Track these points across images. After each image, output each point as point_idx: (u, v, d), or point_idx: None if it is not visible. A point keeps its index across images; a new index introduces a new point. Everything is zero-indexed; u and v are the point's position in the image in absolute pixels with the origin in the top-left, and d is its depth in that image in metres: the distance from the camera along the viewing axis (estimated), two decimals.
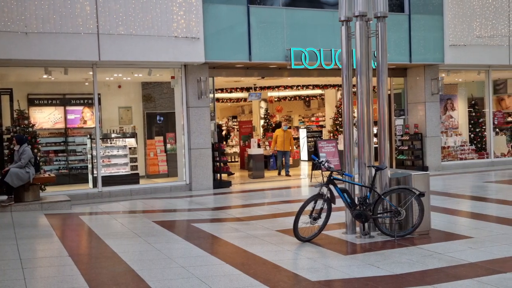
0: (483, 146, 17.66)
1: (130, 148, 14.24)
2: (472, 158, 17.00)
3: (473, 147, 17.44)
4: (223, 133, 21.25)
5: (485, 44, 15.93)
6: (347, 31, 7.94)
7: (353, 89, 8.00)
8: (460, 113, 17.91)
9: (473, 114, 17.91)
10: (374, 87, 8.09)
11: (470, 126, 17.86)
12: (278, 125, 21.90)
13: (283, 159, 16.59)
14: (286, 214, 9.65)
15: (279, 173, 16.46)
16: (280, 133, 16.57)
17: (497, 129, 17.73)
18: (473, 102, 18.11)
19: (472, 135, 17.77)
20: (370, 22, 7.90)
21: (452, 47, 15.62)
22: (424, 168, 15.64)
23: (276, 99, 24.60)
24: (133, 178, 13.79)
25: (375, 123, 8.13)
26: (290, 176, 16.04)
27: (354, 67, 7.89)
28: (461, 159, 16.79)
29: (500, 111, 18.13)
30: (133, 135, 14.88)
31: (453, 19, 15.62)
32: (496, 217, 8.88)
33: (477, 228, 7.96)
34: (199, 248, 7.24)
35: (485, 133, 17.70)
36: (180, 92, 13.72)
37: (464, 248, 6.85)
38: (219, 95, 21.36)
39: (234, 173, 16.79)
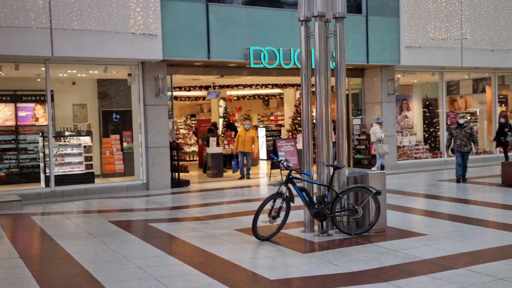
0: (437, 145, 18.16)
1: (85, 147, 13.89)
2: (426, 157, 17.45)
3: (427, 146, 17.90)
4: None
5: (439, 46, 16.37)
6: (306, 31, 7.98)
7: (312, 89, 8.05)
8: (415, 114, 18.36)
9: (427, 114, 18.39)
10: (332, 87, 8.16)
11: (425, 126, 18.33)
12: (231, 125, 21.84)
13: (245, 160, 15.58)
14: (245, 213, 9.62)
15: (241, 176, 15.38)
16: (242, 133, 15.66)
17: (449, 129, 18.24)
18: (427, 102, 18.60)
19: (426, 135, 18.24)
20: (329, 22, 7.97)
21: (407, 48, 15.98)
22: (381, 167, 15.92)
23: (235, 98, 24.56)
24: (88, 177, 13.46)
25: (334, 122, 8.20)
26: (249, 179, 15.29)
27: (313, 67, 7.94)
28: (415, 158, 17.20)
29: (452, 112, 18.67)
30: (88, 133, 14.54)
31: (409, 21, 15.98)
32: (448, 215, 9.12)
33: (431, 226, 8.15)
34: (157, 248, 7.12)
35: (439, 133, 18.20)
36: (137, 90, 13.49)
37: (419, 245, 6.99)
38: (177, 93, 21.15)
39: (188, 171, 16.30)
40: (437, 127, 18.21)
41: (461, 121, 13.08)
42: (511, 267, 5.83)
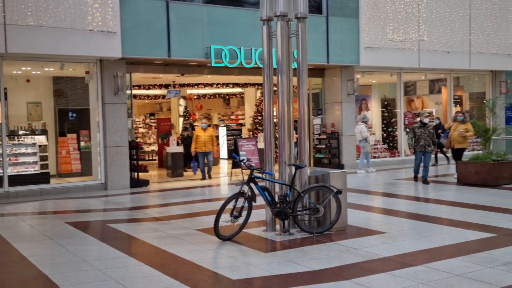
0: (395, 145, 18.53)
1: (40, 146, 13.49)
2: (385, 157, 17.78)
3: (386, 146, 18.24)
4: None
5: (397, 47, 16.69)
6: (268, 31, 7.99)
7: (274, 88, 8.06)
8: (374, 113, 18.67)
9: (386, 114, 18.74)
10: (294, 86, 8.19)
11: (383, 125, 18.66)
12: (191, 125, 21.61)
13: (206, 161, 14.99)
14: (206, 213, 9.56)
15: (202, 177, 14.83)
16: (200, 133, 14.96)
17: (407, 129, 18.64)
18: (385, 102, 18.95)
19: (384, 135, 18.59)
20: (291, 22, 8.00)
21: (367, 49, 16.23)
22: (340, 166, 16.13)
23: (195, 97, 24.39)
24: (43, 177, 13.07)
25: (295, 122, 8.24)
26: (211, 179, 14.86)
27: (275, 66, 7.95)
28: (374, 157, 17.48)
29: (410, 112, 19.09)
30: (44, 132, 14.12)
31: (368, 22, 16.23)
32: (406, 213, 9.30)
33: (390, 224, 8.29)
34: (116, 250, 6.97)
35: (397, 132, 18.57)
36: (95, 88, 13.19)
37: (378, 243, 7.10)
38: (136, 91, 20.82)
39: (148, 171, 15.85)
40: (395, 127, 18.58)
41: (426, 120, 12.75)
42: (466, 264, 5.98)
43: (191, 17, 13.61)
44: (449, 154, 16.50)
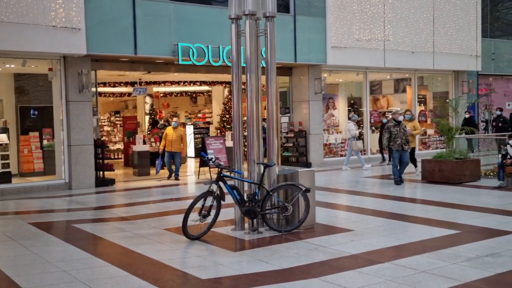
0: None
1: (0, 145, 13.11)
2: (352, 155, 17.94)
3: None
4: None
5: (363, 47, 16.90)
6: (237, 29, 7.97)
7: (242, 87, 8.04)
8: (341, 112, 18.87)
9: (352, 113, 18.92)
10: (262, 85, 8.19)
11: None
12: (156, 122, 21.39)
13: (173, 161, 14.55)
14: (174, 212, 9.47)
15: (169, 176, 14.54)
16: (169, 131, 14.43)
17: (373, 127, 18.91)
18: (352, 101, 19.17)
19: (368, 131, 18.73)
20: (259, 21, 8.00)
21: (334, 48, 16.37)
22: (308, 165, 16.24)
23: (162, 95, 24.13)
24: (4, 177, 12.69)
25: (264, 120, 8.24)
26: (178, 180, 14.26)
27: (244, 65, 7.93)
28: (341, 155, 17.67)
29: (376, 111, 19.36)
30: (4, 130, 13.73)
31: (335, 22, 16.37)
32: (373, 210, 9.43)
33: (357, 221, 8.39)
34: (82, 250, 6.84)
35: (363, 131, 18.80)
36: (58, 85, 12.90)
37: (346, 240, 7.17)
38: (102, 89, 20.45)
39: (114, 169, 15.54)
40: (362, 125, 18.81)
41: (400, 118, 12.60)
42: (432, 260, 6.10)
43: (158, 14, 13.45)
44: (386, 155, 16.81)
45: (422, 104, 20.46)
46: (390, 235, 7.44)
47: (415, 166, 13.72)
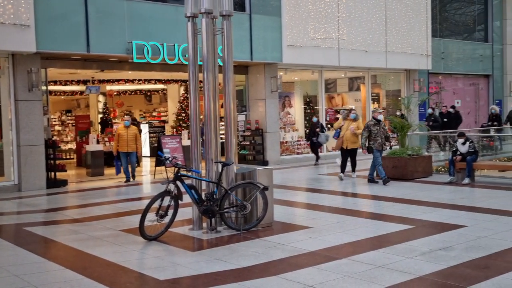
0: (318, 141, 18.91)
1: None
2: (308, 153, 18.12)
3: (308, 142, 18.58)
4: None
5: (318, 46, 17.08)
6: (193, 28, 7.90)
7: (199, 85, 7.98)
8: (297, 110, 19.02)
9: (308, 111, 19.14)
10: (219, 83, 8.16)
11: (306, 122, 19.04)
12: (105, 122, 20.87)
13: (128, 161, 13.93)
14: (130, 212, 9.30)
15: (126, 179, 13.78)
16: (122, 131, 13.84)
17: (328, 125, 19.13)
18: (308, 99, 19.36)
19: (307, 131, 18.94)
20: (216, 19, 7.95)
21: (289, 47, 16.48)
22: (265, 163, 16.29)
23: (115, 93, 23.67)
24: None
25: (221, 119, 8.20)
26: (134, 179, 13.90)
27: (200, 63, 7.88)
28: (297, 153, 17.82)
29: (331, 109, 19.62)
30: None
31: (290, 21, 16.48)
32: (329, 207, 9.54)
33: (315, 218, 8.47)
34: (34, 254, 6.62)
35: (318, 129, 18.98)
36: (7, 84, 12.44)
37: (304, 238, 7.23)
38: (52, 87, 19.87)
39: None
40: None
41: (380, 117, 12.23)
42: (387, 255, 6.23)
43: (112, 11, 13.17)
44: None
45: (375, 102, 20.87)
46: (347, 231, 7.55)
47: (353, 169, 13.17)
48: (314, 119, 16.99)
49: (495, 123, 19.77)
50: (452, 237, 7.01)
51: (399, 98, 19.04)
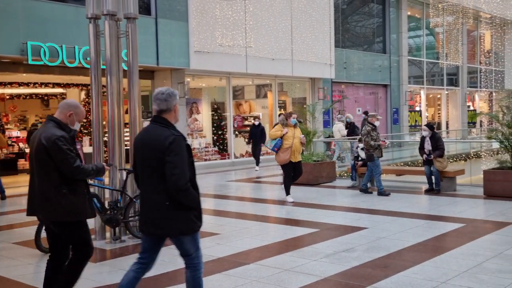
0: (225, 147, 19.00)
1: None
2: (216, 159, 18.14)
3: (216, 148, 18.61)
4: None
5: (226, 52, 17.14)
6: (95, 30, 7.58)
7: (102, 90, 7.67)
8: (204, 117, 18.94)
9: (216, 117, 19.14)
10: (124, 88, 7.90)
11: (213, 128, 19.03)
12: None
13: None
14: (24, 224, 8.70)
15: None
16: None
17: (236, 132, 19.26)
18: (215, 106, 19.35)
19: (215, 137, 18.95)
20: (120, 22, 7.70)
21: (197, 53, 16.38)
22: None
23: (8, 97, 22.21)
24: None
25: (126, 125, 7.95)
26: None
27: (103, 67, 7.58)
28: (205, 160, 17.73)
29: (239, 115, 19.76)
30: None
31: (198, 26, 16.40)
32: (237, 213, 9.56)
33: (223, 225, 8.43)
34: None
35: (227, 135, 19.07)
36: None
37: (212, 244, 7.16)
38: None
39: None
40: (225, 129, 19.07)
41: (377, 123, 11.29)
42: (294, 258, 6.33)
43: (4, 9, 12.37)
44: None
45: (282, 109, 21.33)
46: (255, 236, 7.58)
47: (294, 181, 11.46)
48: (256, 122, 16.69)
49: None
50: (354, 239, 7.26)
51: (304, 106, 19.58)
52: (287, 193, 10.52)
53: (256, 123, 16.74)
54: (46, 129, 4.34)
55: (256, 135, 16.44)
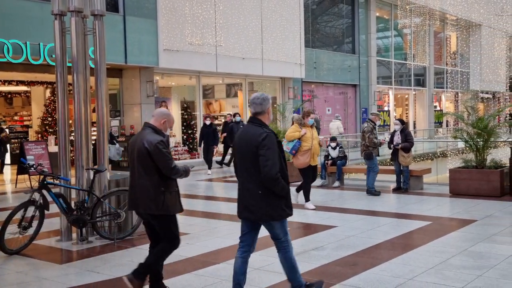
0: (195, 147, 18.88)
1: None
2: (185, 158, 18.00)
3: (186, 147, 18.48)
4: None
5: (196, 51, 17.04)
6: (61, 26, 7.44)
7: (68, 88, 7.53)
8: (174, 115, 18.75)
9: (186, 116, 19.00)
10: (91, 86, 7.77)
11: (183, 128, 18.89)
12: None
13: None
14: None
15: None
16: None
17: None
18: (185, 105, 19.22)
19: (184, 137, 18.82)
20: (87, 19, 7.57)
21: (166, 51, 16.23)
22: None
23: None
24: None
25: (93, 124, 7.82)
26: None
27: (69, 64, 7.43)
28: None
29: (209, 115, 19.66)
30: None
31: (167, 24, 16.25)
32: (207, 213, 9.52)
33: (192, 225, 8.38)
34: None
35: (196, 134, 18.94)
36: None
37: (182, 244, 6.93)
38: None
39: None
40: (195, 129, 18.95)
41: (378, 122, 11.41)
42: (264, 257, 6.33)
43: None
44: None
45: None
46: (225, 236, 7.55)
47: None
48: (238, 118, 15.99)
49: None
50: (324, 237, 7.31)
51: (275, 105, 19.62)
52: (307, 199, 9.75)
53: (208, 122, 15.11)
54: (146, 134, 4.86)
55: (208, 136, 15.02)
